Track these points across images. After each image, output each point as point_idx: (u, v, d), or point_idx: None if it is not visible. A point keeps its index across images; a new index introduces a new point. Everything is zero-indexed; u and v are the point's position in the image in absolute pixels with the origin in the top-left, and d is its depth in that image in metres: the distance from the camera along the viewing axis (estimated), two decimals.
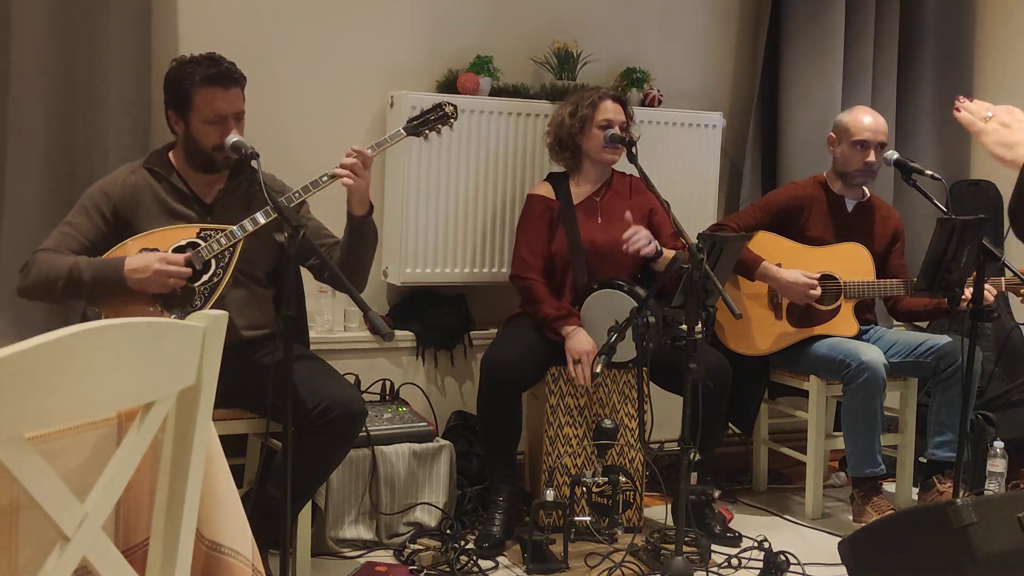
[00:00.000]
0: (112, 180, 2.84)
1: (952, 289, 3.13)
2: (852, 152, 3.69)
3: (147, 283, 2.65)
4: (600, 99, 3.47)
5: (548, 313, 3.36)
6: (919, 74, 4.59)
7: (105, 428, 1.41)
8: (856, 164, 3.69)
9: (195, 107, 2.78)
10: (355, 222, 2.85)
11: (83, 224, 2.77)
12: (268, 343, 2.87)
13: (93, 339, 1.19)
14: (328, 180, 2.78)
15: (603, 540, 3.27)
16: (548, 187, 3.55)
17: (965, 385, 3.14)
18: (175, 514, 1.40)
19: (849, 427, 3.55)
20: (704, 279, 2.79)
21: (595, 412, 3.43)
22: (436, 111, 3.01)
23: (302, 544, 2.94)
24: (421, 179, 3.63)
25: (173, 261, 2.67)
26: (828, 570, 3.17)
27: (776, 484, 4.08)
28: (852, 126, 3.69)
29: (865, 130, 3.67)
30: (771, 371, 3.85)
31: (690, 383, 2.83)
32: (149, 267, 2.64)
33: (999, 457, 3.54)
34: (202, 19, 3.45)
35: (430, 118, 3.00)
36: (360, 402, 2.83)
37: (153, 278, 2.64)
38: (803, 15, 4.27)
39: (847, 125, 3.71)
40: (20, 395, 1.11)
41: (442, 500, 3.35)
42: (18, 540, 1.31)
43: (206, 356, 1.38)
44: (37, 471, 1.16)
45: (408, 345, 3.73)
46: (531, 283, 3.42)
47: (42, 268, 2.70)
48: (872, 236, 3.78)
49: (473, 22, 3.85)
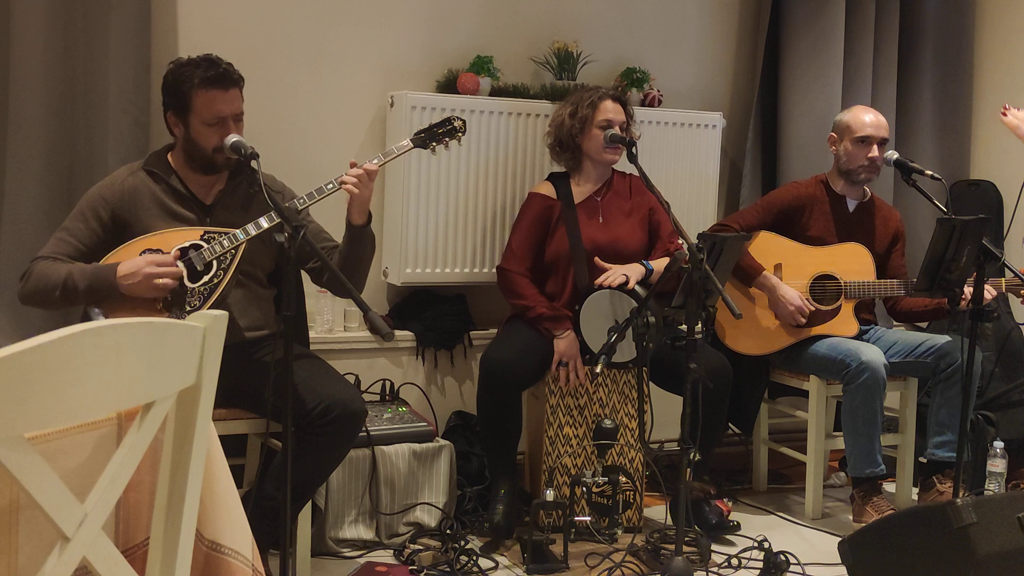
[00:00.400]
0: (110, 183, 2.84)
1: (952, 289, 3.13)
2: (855, 149, 3.69)
3: (138, 287, 2.64)
4: (600, 99, 3.47)
5: (540, 312, 3.37)
6: (919, 74, 4.59)
7: (105, 428, 1.41)
8: (860, 160, 3.69)
9: (194, 109, 2.77)
10: (354, 231, 2.85)
11: (80, 230, 2.77)
12: (268, 343, 2.87)
13: (93, 339, 1.19)
14: (334, 188, 2.78)
15: (603, 540, 3.27)
16: (549, 187, 3.55)
17: (965, 385, 3.15)
18: (175, 514, 1.40)
19: (849, 427, 3.55)
20: (704, 279, 2.79)
21: (595, 412, 3.43)
22: (445, 124, 2.99)
23: (302, 544, 2.94)
24: (421, 179, 3.63)
25: (163, 262, 2.66)
26: (828, 570, 3.17)
27: (776, 484, 4.08)
28: (854, 123, 3.70)
29: (867, 126, 3.67)
30: (771, 371, 3.85)
31: (690, 383, 2.83)
32: (139, 271, 2.64)
33: (999, 457, 3.54)
34: (202, 19, 3.45)
35: (438, 131, 2.99)
36: (360, 402, 2.83)
37: (143, 281, 2.63)
38: (803, 15, 4.27)
39: (848, 123, 3.72)
40: (20, 395, 1.11)
41: (442, 500, 3.35)
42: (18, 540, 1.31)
43: (206, 356, 1.38)
44: (37, 471, 1.16)
45: (408, 345, 3.73)
46: (513, 275, 3.44)
47: (39, 278, 2.71)
48: (873, 236, 3.78)
49: (473, 22, 3.85)
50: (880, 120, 3.71)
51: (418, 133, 2.99)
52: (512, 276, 3.45)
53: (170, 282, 2.65)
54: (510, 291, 3.46)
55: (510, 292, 3.46)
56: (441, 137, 2.99)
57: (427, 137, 2.98)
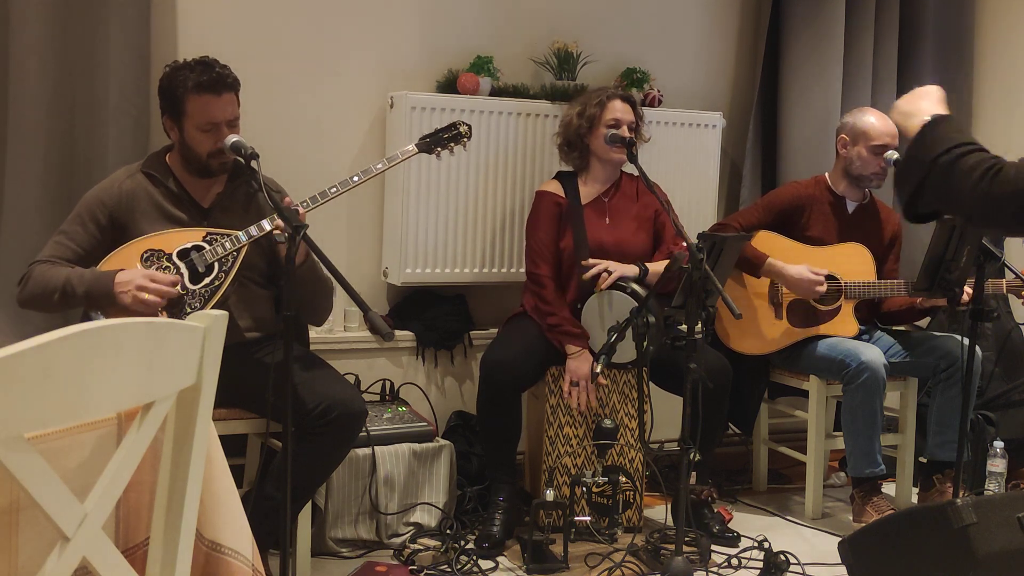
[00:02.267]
0: (108, 186, 2.83)
1: (952, 289, 3.14)
2: (870, 156, 3.64)
3: (126, 297, 2.58)
4: (609, 99, 3.47)
5: (559, 323, 3.35)
6: (919, 73, 4.59)
7: (105, 428, 1.41)
8: (873, 168, 3.66)
9: (188, 114, 2.76)
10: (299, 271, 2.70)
11: (78, 233, 2.77)
12: (268, 343, 2.87)
13: (93, 339, 1.19)
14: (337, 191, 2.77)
15: (603, 540, 3.27)
16: (557, 184, 3.54)
17: (965, 385, 3.15)
18: (175, 514, 1.40)
19: (849, 427, 3.55)
20: (704, 279, 2.79)
21: (595, 412, 3.43)
22: (450, 130, 2.98)
23: (302, 544, 2.94)
24: (421, 179, 3.63)
25: (158, 279, 2.61)
26: (828, 570, 3.17)
27: (776, 484, 4.09)
28: (871, 131, 3.64)
29: (885, 135, 3.62)
30: (771, 371, 3.85)
31: (690, 383, 2.83)
32: (132, 282, 2.59)
33: (999, 457, 3.54)
34: (201, 19, 3.44)
35: (443, 136, 2.97)
36: (360, 402, 2.82)
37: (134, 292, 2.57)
38: (803, 15, 4.27)
39: (865, 129, 3.65)
40: (20, 395, 1.11)
41: (442, 500, 3.35)
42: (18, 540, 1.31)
43: (206, 356, 1.39)
44: (37, 471, 1.16)
45: (408, 345, 3.73)
46: (544, 280, 3.40)
47: (38, 282, 2.70)
48: (871, 238, 3.77)
49: (473, 22, 3.85)
50: (895, 128, 3.65)
51: (423, 138, 2.98)
52: (543, 281, 3.40)
53: (156, 299, 2.59)
54: (539, 296, 3.42)
55: (539, 298, 3.42)
56: (447, 142, 2.98)
57: (432, 142, 2.96)
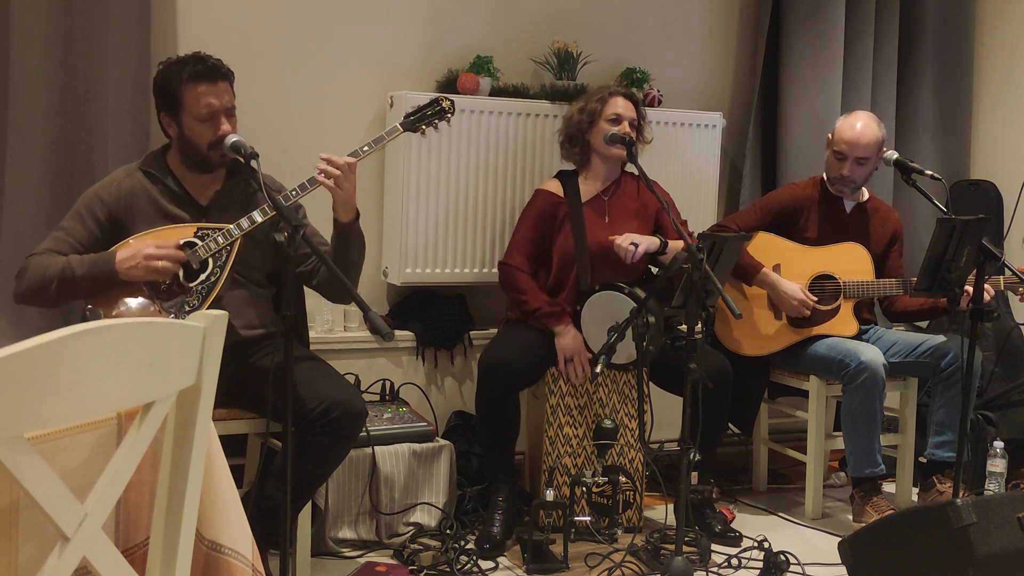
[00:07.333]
0: (107, 184, 2.84)
1: (952, 289, 3.14)
2: (832, 159, 3.70)
3: (136, 270, 2.64)
4: (611, 95, 3.48)
5: (538, 306, 3.37)
6: (919, 74, 4.59)
7: (105, 428, 1.41)
8: (834, 171, 3.70)
9: (185, 106, 2.76)
10: (340, 228, 2.83)
11: (77, 229, 2.77)
12: (267, 343, 2.87)
13: (93, 339, 1.19)
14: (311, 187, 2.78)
15: (603, 540, 3.27)
16: (557, 184, 3.54)
17: (965, 385, 3.15)
18: (175, 514, 1.40)
19: (849, 427, 3.55)
20: (704, 279, 2.79)
21: (595, 412, 3.42)
22: (433, 106, 2.98)
23: (302, 544, 2.94)
24: (421, 179, 3.63)
25: (162, 244, 2.65)
26: (828, 570, 3.17)
27: (776, 484, 4.08)
28: (836, 134, 3.68)
29: (843, 142, 3.64)
30: (771, 371, 3.85)
31: (690, 383, 2.83)
32: (138, 253, 2.64)
33: (999, 457, 3.54)
34: (201, 18, 3.45)
35: (427, 113, 2.97)
36: (360, 402, 2.82)
37: (144, 263, 2.63)
38: (803, 15, 4.27)
39: (835, 131, 3.70)
40: (20, 395, 1.11)
41: (442, 500, 3.35)
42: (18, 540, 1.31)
43: (206, 356, 1.38)
44: (37, 471, 1.16)
45: (408, 345, 3.73)
46: (513, 270, 3.44)
47: (35, 271, 2.70)
48: (870, 237, 3.77)
49: (473, 22, 3.85)
50: (863, 139, 3.61)
51: (407, 116, 2.97)
52: (511, 271, 3.45)
53: (169, 265, 2.65)
54: (509, 285, 3.46)
55: (509, 287, 3.46)
56: (431, 119, 2.97)
57: (417, 119, 2.96)
